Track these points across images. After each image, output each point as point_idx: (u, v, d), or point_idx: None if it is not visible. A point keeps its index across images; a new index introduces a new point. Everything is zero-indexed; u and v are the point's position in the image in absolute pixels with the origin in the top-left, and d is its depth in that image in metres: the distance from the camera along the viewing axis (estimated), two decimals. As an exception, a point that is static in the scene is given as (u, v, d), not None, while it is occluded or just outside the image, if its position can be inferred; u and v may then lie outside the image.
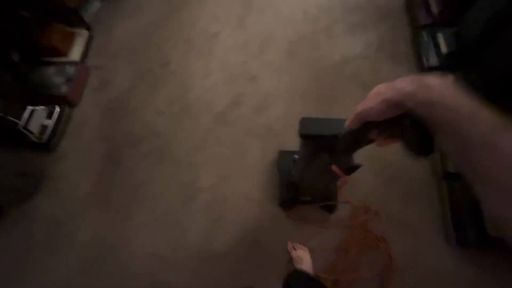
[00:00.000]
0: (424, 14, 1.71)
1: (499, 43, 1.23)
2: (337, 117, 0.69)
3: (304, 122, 0.72)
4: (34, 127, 1.57)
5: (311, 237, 1.30)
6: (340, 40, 1.76)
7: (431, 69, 1.58)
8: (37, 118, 1.60)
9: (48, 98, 1.69)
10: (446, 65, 1.55)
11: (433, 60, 1.59)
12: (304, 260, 1.20)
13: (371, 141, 0.52)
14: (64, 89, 1.71)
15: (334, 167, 0.62)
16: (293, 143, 0.97)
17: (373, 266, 1.22)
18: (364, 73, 1.64)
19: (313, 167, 0.81)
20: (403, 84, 0.35)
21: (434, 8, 1.67)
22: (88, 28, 1.97)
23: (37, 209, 1.46)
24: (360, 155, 0.67)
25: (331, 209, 1.32)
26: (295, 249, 1.26)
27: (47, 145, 1.58)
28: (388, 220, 1.29)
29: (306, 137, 0.73)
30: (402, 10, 1.84)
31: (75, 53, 1.85)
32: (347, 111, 0.41)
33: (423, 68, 1.61)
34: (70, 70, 1.76)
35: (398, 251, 1.24)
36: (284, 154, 1.40)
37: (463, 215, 1.20)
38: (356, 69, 1.66)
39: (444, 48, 1.56)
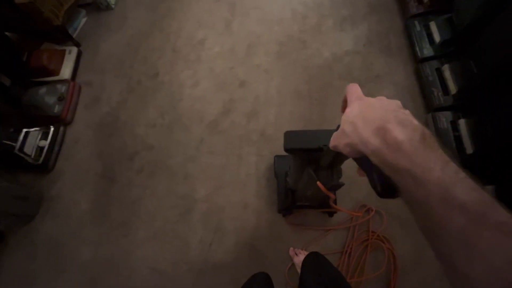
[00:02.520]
0: (415, 3, 1.66)
1: (492, 29, 1.18)
2: (323, 129, 0.66)
3: (289, 135, 0.70)
4: (29, 149, 1.58)
5: (313, 242, 1.28)
6: (329, 37, 1.72)
7: (425, 60, 1.53)
8: (32, 140, 1.61)
9: (42, 119, 1.70)
10: (440, 55, 1.50)
11: (427, 50, 1.54)
12: None
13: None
14: (57, 109, 1.71)
15: (318, 183, 0.60)
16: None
17: (377, 267, 1.20)
18: (356, 69, 1.60)
19: (303, 179, 0.79)
20: (367, 134, 0.29)
21: (425, -4, 1.62)
22: (77, 44, 1.97)
23: (38, 231, 1.47)
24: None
25: (331, 212, 1.30)
26: (297, 254, 1.25)
27: (43, 166, 1.58)
28: (390, 219, 1.27)
29: (291, 151, 0.71)
30: (391, 1, 1.79)
31: (66, 71, 1.85)
32: (340, 111, 0.38)
33: (417, 59, 1.56)
34: (62, 88, 1.75)
35: (402, 250, 1.22)
36: (280, 159, 1.38)
37: (466, 210, 1.16)
38: (347, 66, 1.62)
39: (437, 37, 1.51)
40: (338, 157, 0.50)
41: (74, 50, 1.92)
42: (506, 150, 1.14)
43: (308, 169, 0.66)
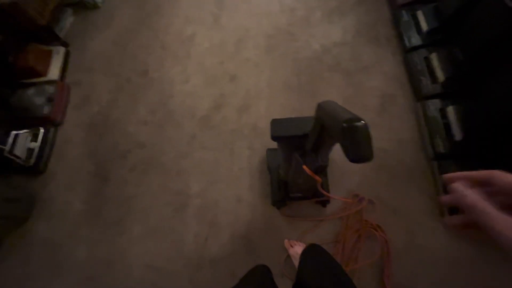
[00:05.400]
0: (401, -8, 1.67)
1: (474, 17, 1.19)
2: (307, 116, 0.67)
3: (275, 123, 0.71)
4: (20, 151, 1.57)
5: (307, 232, 1.29)
6: (318, 29, 1.72)
7: (413, 49, 1.54)
8: (22, 142, 1.59)
9: (32, 120, 1.68)
10: (428, 43, 1.52)
11: (415, 39, 1.55)
12: None
13: (333, 143, 0.51)
14: (46, 110, 1.69)
15: (304, 167, 0.61)
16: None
17: (371, 254, 1.21)
18: (344, 60, 1.61)
19: (292, 167, 0.80)
20: None
21: (411, -15, 1.63)
22: (64, 44, 1.95)
23: (32, 233, 1.46)
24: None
25: (324, 202, 1.31)
26: (292, 246, 1.26)
27: (35, 167, 1.57)
28: (382, 207, 1.28)
29: (278, 139, 0.71)
30: (379, -9, 1.79)
31: (54, 71, 1.83)
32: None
33: (405, 49, 1.57)
34: (50, 89, 1.74)
35: (394, 237, 1.24)
36: (272, 152, 1.38)
37: (455, 194, 1.18)
38: (336, 57, 1.63)
39: (424, 26, 1.53)
40: (321, 139, 0.51)
41: (62, 50, 1.90)
42: (493, 135, 1.16)
43: (295, 154, 0.67)
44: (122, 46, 1.88)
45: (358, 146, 0.30)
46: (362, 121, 0.37)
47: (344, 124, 0.36)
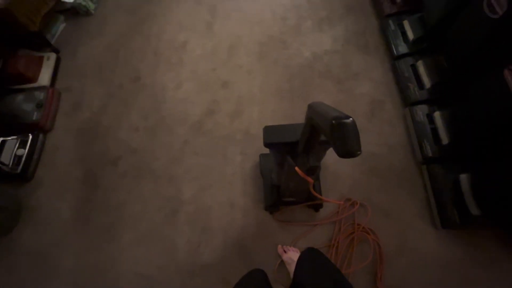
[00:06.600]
0: (388, 3, 1.73)
1: (459, 26, 1.25)
2: (300, 123, 0.68)
3: (267, 130, 0.72)
4: (7, 158, 1.53)
5: (301, 237, 1.29)
6: (308, 37, 1.77)
7: (401, 57, 1.59)
8: (10, 149, 1.56)
9: (20, 127, 1.65)
10: (414, 51, 1.57)
11: (402, 48, 1.61)
12: (296, 261, 1.18)
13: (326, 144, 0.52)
14: (35, 116, 1.66)
15: (296, 168, 0.62)
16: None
17: (364, 258, 1.22)
18: (335, 67, 1.65)
19: (285, 171, 0.81)
20: None
21: (398, -4, 1.69)
22: (55, 50, 1.94)
23: (18, 242, 1.42)
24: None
25: (316, 207, 1.32)
26: (285, 251, 1.25)
27: (22, 175, 1.53)
28: (374, 210, 1.30)
29: (270, 146, 0.73)
30: (367, 2, 1.86)
31: (44, 77, 1.81)
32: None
33: (393, 56, 1.62)
34: (40, 95, 1.72)
35: (386, 240, 1.25)
36: (265, 157, 1.39)
37: (445, 197, 1.21)
38: (327, 65, 1.67)
39: (411, 35, 1.58)
40: (312, 139, 0.52)
41: (53, 56, 1.89)
42: (477, 140, 1.19)
43: (287, 157, 0.68)
44: (114, 52, 1.88)
45: (347, 142, 0.33)
46: (350, 118, 0.40)
47: (333, 121, 0.38)
